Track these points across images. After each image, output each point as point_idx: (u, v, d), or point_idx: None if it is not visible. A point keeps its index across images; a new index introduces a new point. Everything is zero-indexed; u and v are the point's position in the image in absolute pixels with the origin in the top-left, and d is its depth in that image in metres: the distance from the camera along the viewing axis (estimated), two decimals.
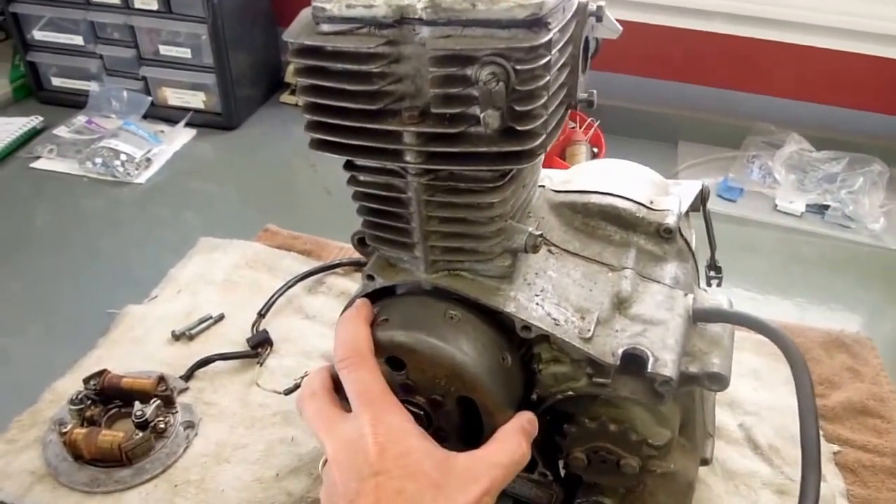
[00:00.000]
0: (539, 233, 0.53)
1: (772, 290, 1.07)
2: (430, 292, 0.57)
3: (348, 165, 0.53)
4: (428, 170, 0.49)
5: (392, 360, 0.55)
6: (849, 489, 0.77)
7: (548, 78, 0.45)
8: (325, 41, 0.47)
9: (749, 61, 1.35)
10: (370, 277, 0.58)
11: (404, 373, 0.55)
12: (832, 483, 0.77)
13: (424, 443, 0.51)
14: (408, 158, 0.48)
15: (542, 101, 0.45)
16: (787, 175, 1.26)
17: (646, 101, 1.42)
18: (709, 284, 0.76)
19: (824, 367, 0.91)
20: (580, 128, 1.28)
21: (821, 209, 1.23)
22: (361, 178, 0.53)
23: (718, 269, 0.76)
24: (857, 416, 0.85)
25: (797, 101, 1.36)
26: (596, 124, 1.28)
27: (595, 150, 1.27)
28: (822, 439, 0.82)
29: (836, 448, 0.82)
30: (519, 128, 0.46)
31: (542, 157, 0.59)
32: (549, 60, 0.44)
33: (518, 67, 0.43)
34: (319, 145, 0.51)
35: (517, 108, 0.45)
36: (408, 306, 0.57)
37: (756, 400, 0.86)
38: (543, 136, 0.47)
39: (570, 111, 0.54)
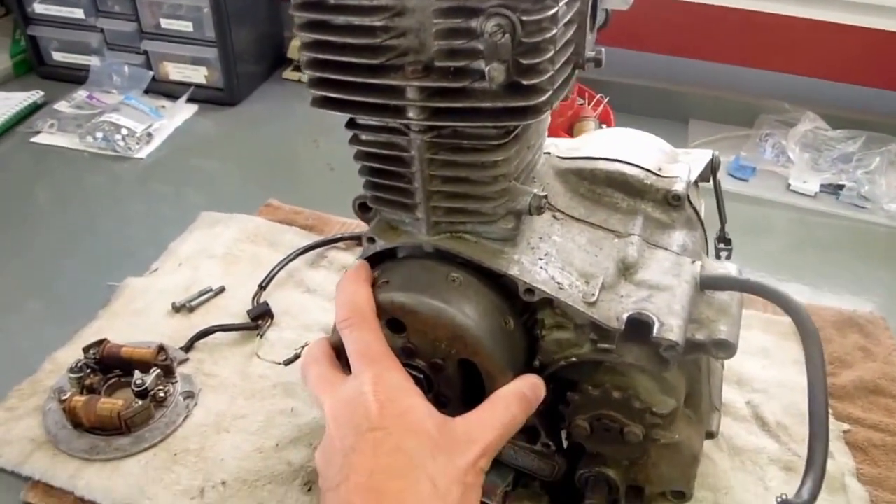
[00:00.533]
0: (543, 194, 0.54)
1: (784, 271, 1.07)
2: (432, 255, 0.57)
3: (350, 124, 0.54)
4: (431, 126, 0.50)
5: (392, 322, 0.56)
6: (858, 468, 0.77)
7: (555, 31, 0.45)
8: None
9: (763, 37, 1.34)
10: (371, 240, 0.59)
11: (405, 335, 0.56)
12: (841, 461, 0.78)
13: (424, 402, 0.52)
14: (411, 115, 0.49)
15: (549, 54, 0.45)
16: (801, 154, 1.26)
17: (656, 77, 1.41)
18: (718, 257, 0.76)
19: (836, 346, 0.92)
20: (589, 104, 1.28)
21: (835, 189, 1.23)
22: (364, 136, 0.54)
23: (728, 242, 0.76)
24: (868, 395, 0.85)
25: (812, 79, 1.35)
26: (605, 101, 1.28)
27: (604, 126, 1.27)
28: (831, 417, 0.82)
29: (846, 427, 0.82)
30: (524, 82, 0.46)
31: (549, 118, 0.60)
32: (557, 12, 0.45)
33: (524, 18, 0.44)
34: (322, 103, 0.52)
35: (523, 62, 0.45)
36: (409, 268, 0.57)
37: (764, 377, 0.86)
38: (549, 93, 0.47)
39: (577, 71, 0.54)
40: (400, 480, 0.47)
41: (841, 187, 1.22)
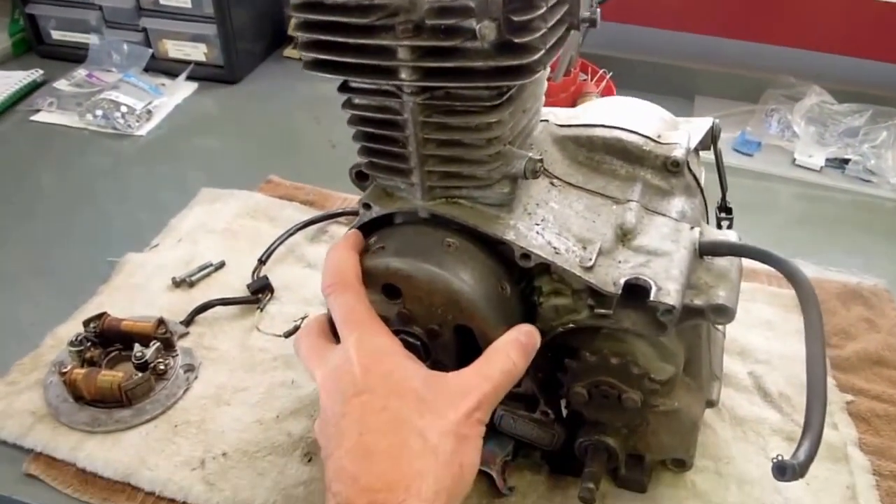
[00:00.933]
0: (539, 157, 0.54)
1: (789, 245, 1.06)
2: (427, 221, 0.57)
3: (344, 87, 0.54)
4: (424, 88, 0.50)
5: (388, 288, 0.56)
6: (861, 438, 0.77)
7: None
8: None
9: (769, 11, 1.33)
10: (367, 206, 0.59)
11: (400, 301, 0.56)
12: (844, 432, 0.77)
13: (410, 362, 0.53)
14: (403, 76, 0.49)
15: (541, 11, 0.45)
16: (807, 128, 1.25)
17: (661, 53, 1.40)
18: (719, 226, 0.76)
19: (840, 318, 0.91)
20: (592, 80, 1.27)
21: (841, 163, 1.22)
22: (357, 100, 0.54)
23: (729, 211, 0.76)
24: (872, 366, 0.85)
25: (819, 53, 1.34)
26: (608, 76, 1.28)
27: None
28: (835, 388, 0.82)
29: (849, 398, 0.81)
30: (516, 40, 0.46)
31: (545, 82, 0.59)
32: None
33: None
34: (314, 65, 0.52)
35: (514, 19, 0.45)
36: (404, 234, 0.57)
37: (767, 349, 0.86)
38: (542, 52, 0.47)
39: (571, 31, 0.54)
40: (388, 439, 0.48)
41: (847, 161, 1.21)
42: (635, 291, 0.55)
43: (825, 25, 1.32)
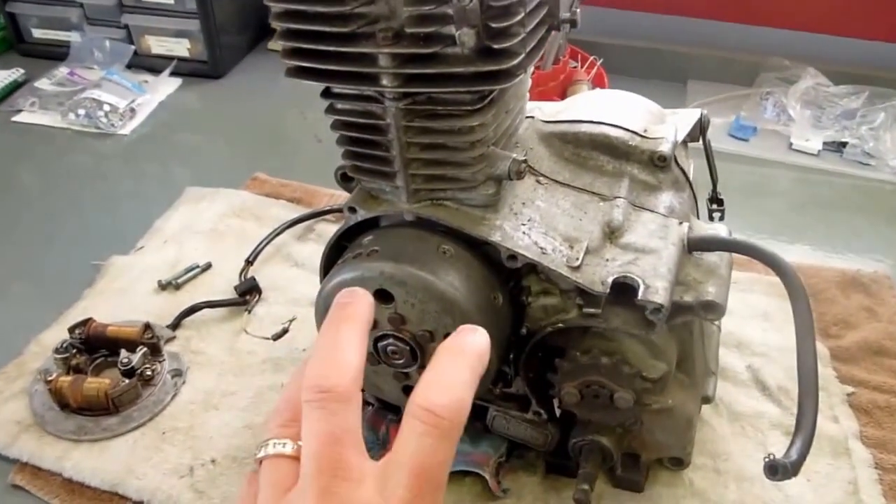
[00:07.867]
0: (523, 158, 0.54)
1: (787, 232, 1.07)
2: (415, 224, 0.58)
3: (326, 93, 0.54)
4: (405, 94, 0.50)
5: (381, 292, 0.56)
6: (862, 430, 0.77)
7: None
8: None
9: None
10: (352, 210, 0.59)
11: (392, 305, 0.57)
12: (845, 425, 0.78)
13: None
14: (384, 82, 0.49)
15: (519, 17, 0.46)
16: (803, 111, 1.25)
17: (652, 38, 1.40)
18: (711, 218, 0.77)
19: (839, 307, 0.91)
20: (582, 67, 1.27)
21: (839, 147, 1.22)
22: (339, 105, 0.54)
23: (720, 202, 0.76)
24: (872, 356, 0.85)
25: (813, 34, 1.35)
26: (599, 63, 1.28)
27: (597, 90, 1.27)
28: (835, 380, 0.82)
29: (850, 389, 0.81)
30: (496, 46, 0.47)
31: (527, 81, 0.60)
32: None
33: None
34: (296, 73, 0.52)
35: (493, 26, 0.46)
36: (400, 238, 0.58)
37: (765, 341, 0.86)
38: (522, 56, 0.48)
39: (552, 31, 0.54)
40: None
41: (844, 144, 1.22)
42: (623, 290, 0.56)
43: (818, 5, 1.33)
